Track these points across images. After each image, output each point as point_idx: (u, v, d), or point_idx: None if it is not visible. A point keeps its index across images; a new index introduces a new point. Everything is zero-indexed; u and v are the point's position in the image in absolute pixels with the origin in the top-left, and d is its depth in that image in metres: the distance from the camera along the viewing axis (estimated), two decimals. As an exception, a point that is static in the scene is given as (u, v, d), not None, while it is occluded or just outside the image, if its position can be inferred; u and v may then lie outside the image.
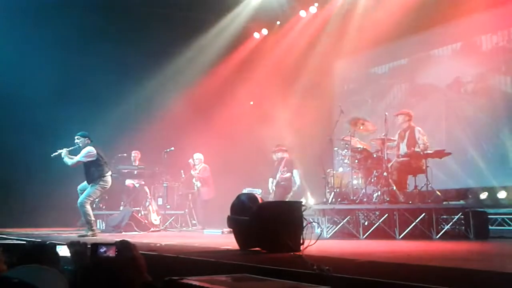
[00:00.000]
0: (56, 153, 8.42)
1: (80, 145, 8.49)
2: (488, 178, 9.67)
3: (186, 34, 12.42)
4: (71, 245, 3.48)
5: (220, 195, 10.57)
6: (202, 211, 11.16)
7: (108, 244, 3.20)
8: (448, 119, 10.76)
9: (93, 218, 8.40)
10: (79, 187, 8.65)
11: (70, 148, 8.49)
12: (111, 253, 3.11)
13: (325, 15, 12.51)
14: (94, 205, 9.88)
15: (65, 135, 9.25)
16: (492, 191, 9.67)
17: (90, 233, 8.15)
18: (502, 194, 9.52)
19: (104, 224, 10.70)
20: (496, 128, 9.72)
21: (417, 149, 7.91)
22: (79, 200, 8.35)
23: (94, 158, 8.40)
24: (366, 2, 11.59)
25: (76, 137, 8.54)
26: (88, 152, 8.41)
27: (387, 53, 12.26)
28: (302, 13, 12.85)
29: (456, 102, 10.83)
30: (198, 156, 11.43)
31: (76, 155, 8.49)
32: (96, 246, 3.23)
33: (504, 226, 9.42)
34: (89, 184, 8.47)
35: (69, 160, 8.40)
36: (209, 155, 11.71)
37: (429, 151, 7.83)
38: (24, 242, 6.06)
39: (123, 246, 3.02)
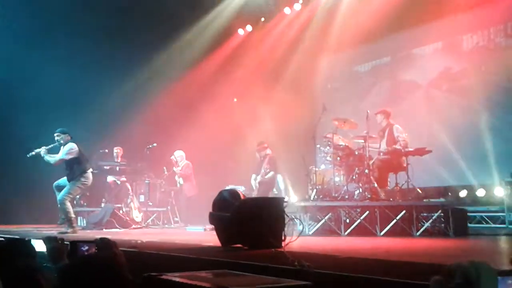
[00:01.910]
0: (33, 153, 8.25)
1: (61, 142, 8.35)
2: (468, 177, 9.80)
3: (170, 30, 12.34)
4: (47, 240, 3.43)
5: (203, 192, 10.56)
6: (185, 208, 11.13)
7: (88, 242, 3.17)
8: (430, 117, 10.87)
9: (73, 216, 8.30)
10: (54, 184, 8.48)
11: (49, 146, 8.33)
12: (91, 251, 3.09)
13: (309, 12, 12.57)
14: (75, 202, 9.80)
15: (45, 131, 9.11)
16: (471, 189, 9.81)
17: (70, 230, 8.06)
18: (481, 192, 9.66)
19: (85, 221, 10.59)
20: (476, 127, 9.83)
21: (397, 147, 7.98)
22: (59, 197, 8.22)
23: (76, 155, 8.28)
24: (350, 0, 11.64)
25: (56, 134, 8.36)
26: (70, 149, 8.28)
27: (370, 51, 12.35)
28: (287, 10, 12.87)
29: (437, 100, 10.96)
30: (179, 153, 11.38)
31: (55, 153, 8.36)
32: (76, 244, 3.20)
33: (483, 223, 9.56)
34: (69, 181, 8.33)
35: (51, 159, 8.26)
36: (193, 152, 11.67)
37: (409, 149, 7.90)
38: (2, 238, 5.98)
39: (103, 244, 2.99)
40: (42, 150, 8.23)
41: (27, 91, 10.79)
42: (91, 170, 8.62)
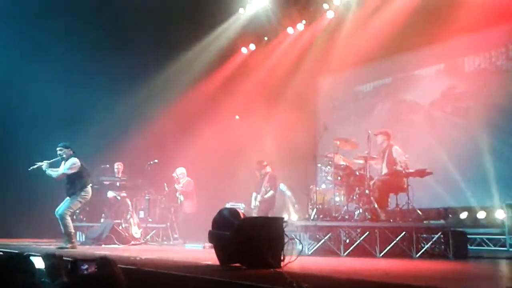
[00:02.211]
0: (35, 167, 8.25)
1: (64, 156, 8.37)
2: (468, 198, 9.79)
3: (173, 47, 12.46)
4: (46, 257, 3.43)
5: (204, 209, 10.53)
6: (183, 224, 11.08)
7: (88, 261, 3.17)
8: (431, 138, 10.89)
9: (72, 231, 8.26)
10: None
11: (51, 161, 8.34)
12: (91, 269, 3.09)
13: (312, 32, 12.69)
14: (74, 217, 9.77)
15: (46, 145, 9.15)
16: (472, 211, 9.78)
17: (69, 245, 8.02)
18: (481, 215, 9.63)
19: (84, 236, 10.55)
20: (477, 148, 9.85)
21: (398, 168, 7.98)
22: (59, 212, 8.21)
23: (78, 170, 8.30)
24: (352, 21, 11.76)
25: (58, 148, 8.38)
26: (72, 164, 8.31)
27: (372, 71, 12.43)
28: (290, 30, 13.00)
29: (438, 122, 10.99)
30: (181, 170, 11.36)
31: (57, 167, 8.37)
32: (76, 262, 3.20)
33: (483, 246, 9.51)
34: (69, 196, 8.34)
35: (53, 173, 8.26)
36: (194, 169, 11.65)
37: (410, 170, 7.91)
38: (1, 253, 5.97)
39: (103, 263, 3.00)
40: (44, 164, 8.23)
41: (27, 106, 10.82)
42: (91, 184, 8.63)
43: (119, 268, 2.91)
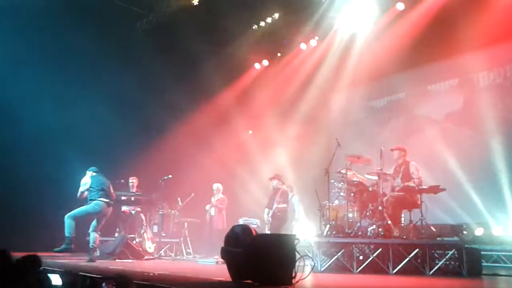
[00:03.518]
0: None
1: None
2: (484, 214, 9.69)
3: (188, 63, 12.60)
4: (64, 274, 3.50)
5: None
6: (211, 239, 10.87)
7: (107, 278, 3.23)
8: (445, 153, 10.83)
9: (72, 234, 8.53)
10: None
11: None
12: (110, 287, 3.15)
13: (325, 48, 12.76)
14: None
15: (59, 158, 9.32)
16: (487, 227, 9.67)
17: (57, 249, 8.41)
18: (497, 231, 9.51)
19: (98, 251, 10.61)
20: (492, 164, 9.78)
21: (411, 184, 7.95)
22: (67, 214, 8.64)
23: (88, 187, 8.85)
24: (365, 37, 11.81)
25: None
26: (82, 183, 8.96)
27: (385, 86, 12.45)
28: (303, 45, 13.09)
29: (453, 137, 10.94)
30: (217, 186, 11.51)
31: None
32: (96, 280, 3.26)
33: (500, 263, 9.39)
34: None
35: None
36: (208, 183, 11.74)
37: (424, 186, 7.87)
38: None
39: (121, 280, 3.06)
40: None
41: (40, 122, 10.91)
42: (103, 199, 8.83)
43: (135, 284, 2.97)
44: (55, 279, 3.51)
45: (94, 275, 3.38)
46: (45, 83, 10.78)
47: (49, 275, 3.36)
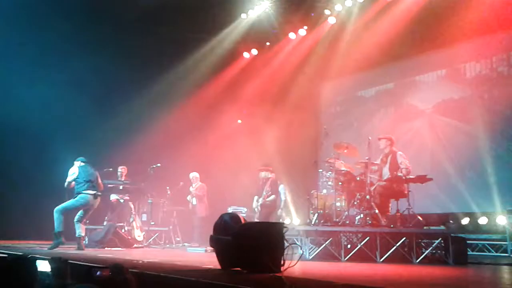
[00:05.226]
0: None
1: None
2: (470, 204, 9.82)
3: (177, 52, 12.53)
4: (53, 260, 3.49)
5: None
6: (198, 228, 11.13)
7: (102, 267, 3.23)
8: (432, 144, 10.95)
9: (61, 229, 8.56)
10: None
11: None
12: (105, 275, 3.15)
13: (314, 38, 12.76)
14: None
15: (50, 148, 9.26)
16: (473, 217, 9.81)
17: (50, 246, 8.38)
18: (483, 220, 9.65)
19: (87, 239, 10.60)
20: (478, 154, 9.89)
21: (399, 174, 8.02)
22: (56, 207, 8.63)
23: (75, 178, 8.84)
24: (354, 27, 11.82)
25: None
26: (69, 173, 8.94)
27: (373, 77, 12.49)
28: (292, 35, 13.06)
29: (440, 127, 11.04)
30: (194, 174, 11.60)
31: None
32: (90, 269, 3.26)
33: (485, 252, 9.54)
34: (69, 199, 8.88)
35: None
36: (197, 172, 11.75)
37: (411, 176, 7.94)
38: (5, 255, 6.04)
39: (117, 269, 3.06)
40: None
41: (32, 110, 10.85)
42: (90, 192, 8.79)
43: (131, 273, 2.98)
44: (43, 266, 3.49)
45: (88, 264, 3.38)
46: (35, 73, 10.68)
47: (37, 261, 3.34)
